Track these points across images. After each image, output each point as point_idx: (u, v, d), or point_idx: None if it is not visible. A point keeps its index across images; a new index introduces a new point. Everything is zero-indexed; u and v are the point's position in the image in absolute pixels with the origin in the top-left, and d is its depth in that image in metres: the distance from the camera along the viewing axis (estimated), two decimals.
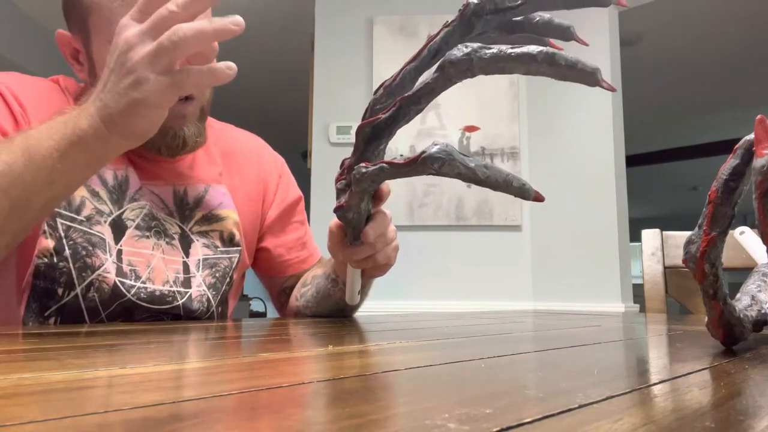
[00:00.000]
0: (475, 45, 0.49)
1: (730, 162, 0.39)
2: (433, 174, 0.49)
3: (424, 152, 0.49)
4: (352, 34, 2.69)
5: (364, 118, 0.57)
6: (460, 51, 0.49)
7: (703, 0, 2.92)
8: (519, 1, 0.51)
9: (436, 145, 0.49)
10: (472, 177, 0.49)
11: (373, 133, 0.56)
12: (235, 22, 0.51)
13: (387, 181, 0.66)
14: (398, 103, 0.54)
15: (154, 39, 0.52)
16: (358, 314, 0.92)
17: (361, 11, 2.69)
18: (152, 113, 0.54)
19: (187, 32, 0.51)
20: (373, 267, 0.72)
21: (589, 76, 0.46)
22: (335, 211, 0.62)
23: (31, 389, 0.24)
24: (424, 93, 0.52)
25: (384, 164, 0.53)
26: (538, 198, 0.50)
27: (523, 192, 0.49)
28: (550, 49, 0.46)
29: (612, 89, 0.47)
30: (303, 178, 2.78)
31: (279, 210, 0.94)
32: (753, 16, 3.10)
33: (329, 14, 2.72)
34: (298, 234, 0.96)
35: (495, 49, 0.48)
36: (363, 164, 0.55)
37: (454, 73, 0.50)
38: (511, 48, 0.47)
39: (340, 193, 0.61)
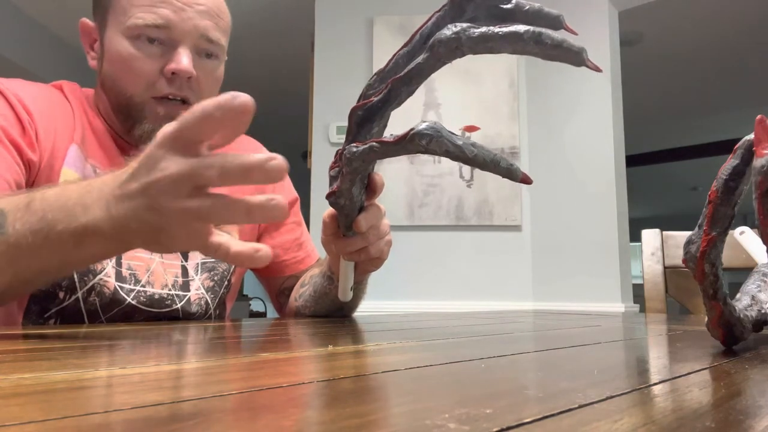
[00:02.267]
0: (464, 24, 0.49)
1: (730, 162, 0.39)
2: (422, 151, 0.50)
3: (412, 129, 0.49)
4: (352, 34, 2.69)
5: (358, 103, 0.57)
6: (449, 30, 0.49)
7: (703, 0, 2.92)
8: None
9: (424, 122, 0.49)
10: (459, 155, 0.49)
11: (366, 116, 0.56)
12: (277, 165, 0.44)
13: (381, 174, 0.66)
14: (389, 84, 0.54)
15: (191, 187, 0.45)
16: (358, 314, 0.92)
17: (361, 11, 2.69)
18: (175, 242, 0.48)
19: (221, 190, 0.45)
20: (366, 260, 0.72)
21: (574, 56, 0.46)
22: (327, 197, 0.62)
23: (31, 389, 0.24)
24: (415, 73, 0.52)
25: (374, 143, 0.53)
26: (526, 180, 0.50)
27: (510, 173, 0.49)
28: (537, 29, 0.46)
29: (598, 69, 0.47)
30: (303, 178, 2.78)
31: None
32: (753, 16, 3.10)
33: (329, 14, 2.72)
34: (295, 235, 0.97)
35: (483, 28, 0.48)
36: (353, 144, 0.55)
37: (443, 52, 0.50)
38: (499, 27, 0.47)
39: (332, 180, 0.61)
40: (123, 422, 0.19)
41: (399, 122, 0.58)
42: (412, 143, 0.49)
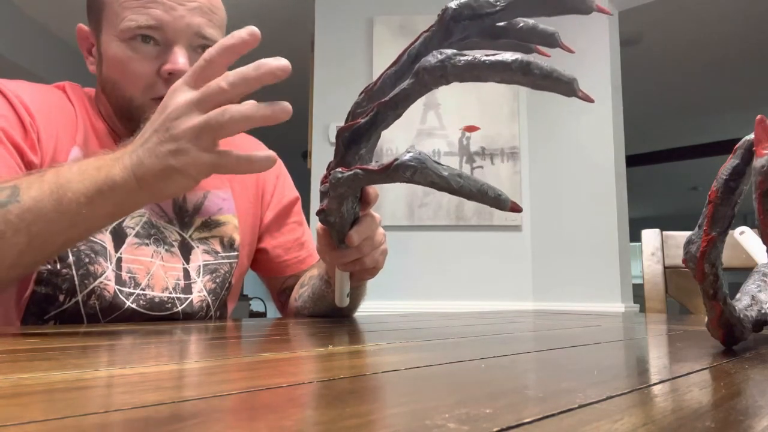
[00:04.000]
0: (450, 52, 0.48)
1: (730, 162, 0.39)
2: (406, 182, 0.49)
3: (396, 159, 0.49)
4: (352, 34, 2.69)
5: (346, 122, 0.57)
6: (434, 57, 0.48)
7: (703, 0, 2.92)
8: (497, 7, 0.51)
9: (409, 152, 0.49)
10: (445, 186, 0.48)
11: (353, 138, 0.56)
12: (283, 109, 0.52)
13: (374, 186, 0.66)
14: (375, 108, 0.54)
15: (202, 112, 0.52)
16: (358, 314, 0.92)
17: (361, 11, 2.69)
18: (185, 182, 0.54)
19: (234, 115, 0.51)
20: (361, 270, 0.72)
21: (564, 86, 0.45)
22: (317, 214, 0.63)
23: (31, 389, 0.24)
24: (401, 98, 0.52)
25: (358, 170, 0.53)
26: (515, 208, 0.49)
27: (498, 202, 0.49)
28: (525, 58, 0.45)
29: (589, 100, 0.46)
30: (303, 178, 2.78)
31: (276, 211, 0.95)
32: (753, 16, 3.10)
33: (329, 14, 2.72)
34: (296, 234, 0.97)
35: (469, 56, 0.47)
36: (339, 169, 0.55)
37: (428, 79, 0.49)
38: (486, 56, 0.46)
39: (323, 196, 0.61)
40: (123, 422, 0.19)
41: (399, 123, 0.58)
42: (396, 173, 0.49)
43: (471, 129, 2.57)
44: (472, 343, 0.50)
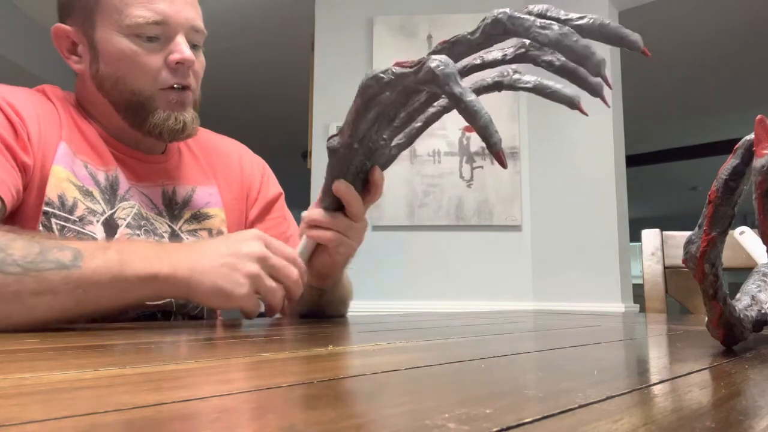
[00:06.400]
0: (532, 19, 0.53)
1: (730, 162, 0.39)
2: (429, 81, 0.52)
3: (428, 58, 0.52)
4: (352, 34, 2.69)
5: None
6: (528, 19, 0.53)
7: (703, 0, 2.92)
8: (570, 24, 0.56)
9: (443, 56, 0.53)
10: (455, 102, 0.53)
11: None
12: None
13: (382, 171, 0.67)
14: (438, 46, 0.58)
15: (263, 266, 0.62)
16: (359, 314, 0.92)
17: (361, 11, 2.69)
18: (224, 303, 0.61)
19: (276, 301, 0.64)
20: (321, 257, 0.72)
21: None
22: (327, 139, 0.64)
23: (31, 389, 0.24)
24: (457, 41, 0.57)
25: (393, 67, 0.55)
26: (500, 160, 0.53)
27: (491, 138, 0.53)
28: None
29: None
30: (303, 178, 2.78)
31: (260, 207, 0.96)
32: (753, 16, 3.10)
33: (329, 14, 2.72)
34: (281, 229, 0.97)
35: (556, 25, 0.53)
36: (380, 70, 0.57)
37: (508, 25, 0.54)
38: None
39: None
40: (123, 422, 0.19)
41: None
42: (423, 69, 0.52)
43: (471, 129, 2.57)
44: (472, 343, 0.50)
